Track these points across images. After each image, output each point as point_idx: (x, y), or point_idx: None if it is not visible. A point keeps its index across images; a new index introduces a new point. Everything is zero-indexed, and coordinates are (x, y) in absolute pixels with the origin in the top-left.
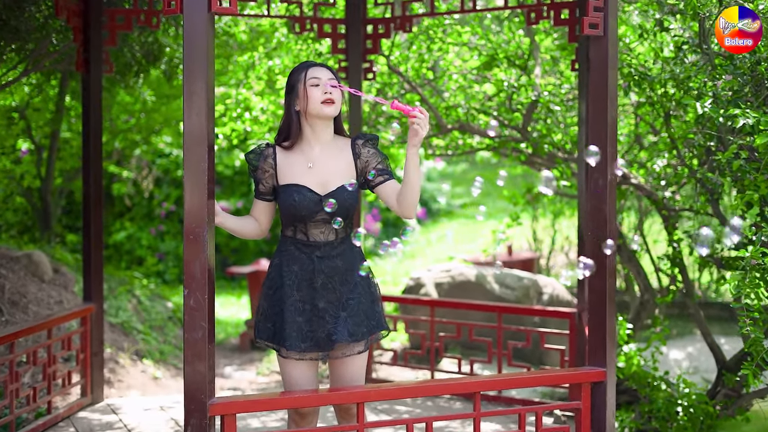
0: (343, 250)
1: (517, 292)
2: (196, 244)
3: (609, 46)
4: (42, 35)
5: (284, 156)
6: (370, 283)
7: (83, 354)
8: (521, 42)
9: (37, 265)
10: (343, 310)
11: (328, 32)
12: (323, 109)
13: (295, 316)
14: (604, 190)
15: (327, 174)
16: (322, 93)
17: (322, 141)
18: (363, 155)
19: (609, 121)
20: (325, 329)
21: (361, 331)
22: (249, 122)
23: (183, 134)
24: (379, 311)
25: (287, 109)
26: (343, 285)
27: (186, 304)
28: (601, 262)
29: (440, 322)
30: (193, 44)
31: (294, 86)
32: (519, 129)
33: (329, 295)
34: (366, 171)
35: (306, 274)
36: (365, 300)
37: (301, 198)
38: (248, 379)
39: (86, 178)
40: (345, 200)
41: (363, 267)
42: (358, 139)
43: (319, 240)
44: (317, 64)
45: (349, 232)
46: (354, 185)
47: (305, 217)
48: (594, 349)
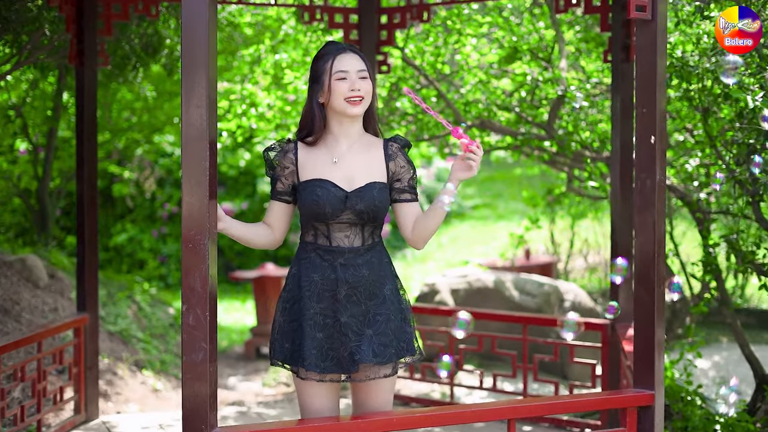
0: (371, 258)
1: (538, 299)
2: (196, 254)
3: (658, 30)
4: (35, 27)
5: (307, 152)
6: (401, 299)
7: (77, 368)
8: (542, 34)
9: (32, 270)
10: (368, 327)
11: (340, 22)
12: (348, 108)
13: (314, 332)
14: (652, 192)
15: (354, 170)
16: (348, 89)
17: (348, 135)
18: (398, 161)
19: (658, 113)
20: (348, 347)
21: (388, 353)
22: (255, 119)
23: (181, 129)
24: (410, 332)
25: (309, 99)
26: (369, 298)
27: (184, 322)
28: (649, 271)
29: None
30: (192, 27)
31: (319, 76)
32: (544, 126)
33: (353, 309)
34: (396, 179)
35: (327, 283)
36: (395, 318)
37: (324, 194)
38: (254, 391)
39: (80, 178)
40: (374, 200)
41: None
42: (393, 141)
43: (343, 245)
44: (347, 48)
45: (377, 239)
46: (385, 185)
47: (328, 217)
48: (641, 370)
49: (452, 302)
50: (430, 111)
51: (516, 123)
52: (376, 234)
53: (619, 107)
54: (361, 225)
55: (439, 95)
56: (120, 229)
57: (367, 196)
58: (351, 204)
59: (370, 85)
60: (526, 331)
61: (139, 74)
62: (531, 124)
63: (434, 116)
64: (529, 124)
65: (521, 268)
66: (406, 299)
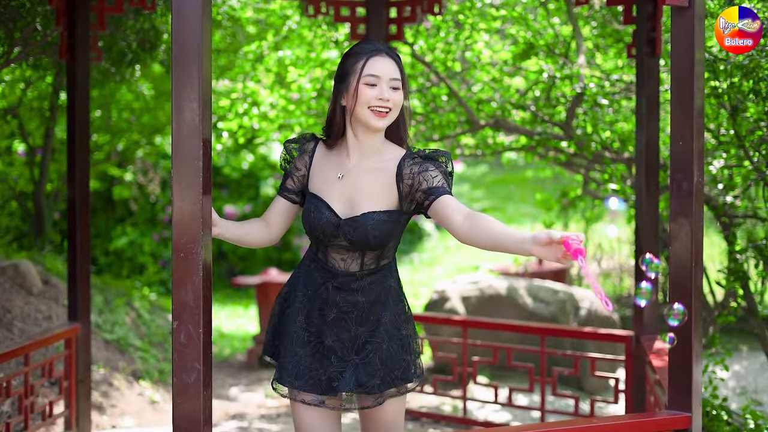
0: (368, 284)
1: (552, 307)
2: (188, 264)
3: (695, 18)
4: (27, 22)
5: (322, 156)
6: (401, 326)
7: (67, 381)
8: (557, 30)
9: (25, 276)
10: (356, 354)
11: (346, 16)
12: (371, 119)
13: (295, 347)
14: (689, 196)
15: (356, 192)
16: (376, 98)
17: (362, 149)
18: (406, 180)
19: (695, 109)
20: (327, 371)
21: (373, 383)
22: (257, 118)
23: (172, 125)
24: (408, 360)
25: (334, 99)
26: (361, 324)
27: (175, 339)
28: (685, 283)
29: (474, 345)
30: (184, 12)
31: (346, 76)
32: (561, 125)
33: (341, 333)
34: (412, 195)
35: (318, 302)
36: (390, 346)
37: (318, 217)
38: (256, 403)
39: (72, 180)
40: (367, 233)
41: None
42: (409, 159)
43: (338, 267)
44: (383, 50)
45: (383, 263)
46: (389, 214)
47: (320, 240)
48: (677, 390)
49: (463, 310)
50: (601, 296)
51: (531, 122)
52: (384, 257)
53: (645, 104)
54: (360, 251)
55: (451, 93)
56: (120, 233)
57: (361, 228)
58: (343, 232)
59: (401, 96)
60: (543, 342)
61: (137, 72)
62: (547, 124)
63: (591, 283)
64: (546, 124)
65: (534, 274)
66: (410, 324)
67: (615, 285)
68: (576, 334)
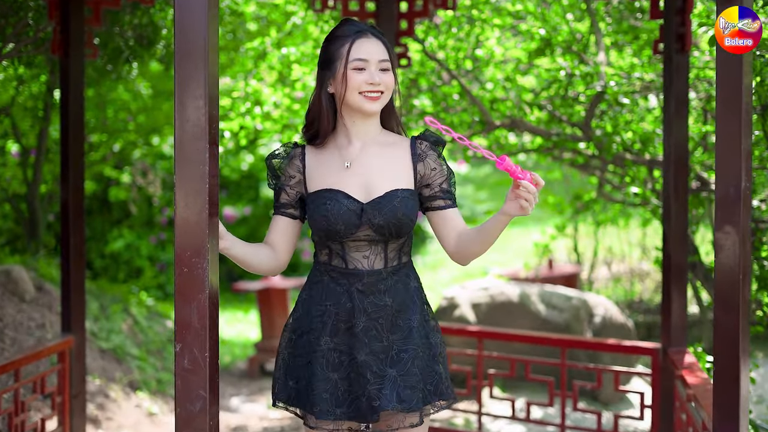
0: (395, 282)
1: (566, 315)
2: (193, 280)
3: (744, 3)
4: (19, 17)
5: (315, 156)
6: (430, 332)
7: (60, 397)
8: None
9: (17, 282)
10: (391, 367)
11: (355, 10)
12: (364, 103)
13: (327, 371)
14: (736, 202)
15: (371, 175)
16: (366, 82)
17: (363, 134)
18: (429, 161)
19: (744, 105)
20: (367, 391)
21: (415, 397)
22: (260, 118)
23: (174, 126)
24: (440, 372)
25: (318, 88)
26: (392, 331)
27: (178, 364)
28: (733, 295)
29: (490, 357)
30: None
31: (331, 62)
32: (580, 126)
33: (373, 344)
34: (425, 183)
35: (343, 314)
36: (423, 354)
37: (335, 207)
38: (258, 414)
39: (65, 182)
40: (395, 211)
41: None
42: (422, 138)
43: (361, 267)
44: (367, 30)
45: (405, 259)
46: (410, 192)
47: (341, 234)
48: (724, 412)
49: (473, 317)
50: (463, 141)
51: (548, 122)
52: (404, 252)
53: (673, 103)
54: (383, 243)
55: (463, 91)
56: (116, 235)
57: (387, 208)
58: (367, 218)
59: (391, 78)
60: (564, 355)
61: (134, 69)
62: (566, 124)
63: (469, 146)
64: (563, 124)
65: (545, 279)
66: (438, 332)
67: (626, 289)
68: (600, 346)
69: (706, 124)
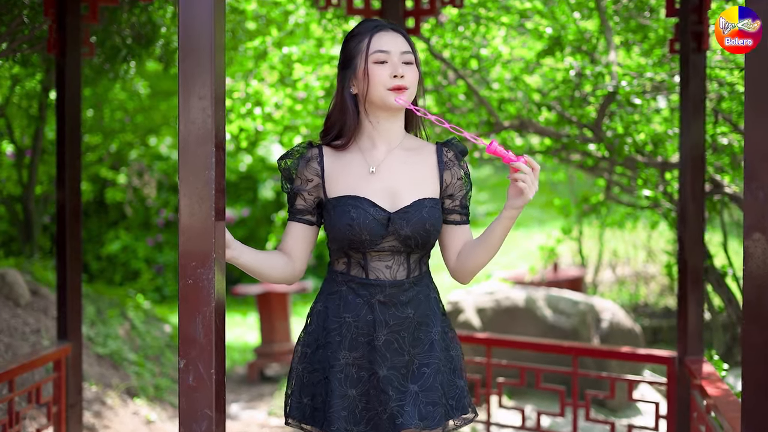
0: (417, 294)
1: (573, 320)
2: (198, 293)
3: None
4: (13, 15)
5: (335, 158)
6: (450, 345)
7: (56, 406)
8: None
9: (11, 286)
10: (412, 382)
11: (360, 8)
12: (389, 98)
13: (345, 388)
14: (766, 207)
15: (398, 182)
16: (390, 75)
17: (388, 137)
18: (454, 172)
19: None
20: (388, 408)
21: (438, 414)
22: (261, 120)
23: (178, 128)
24: (461, 386)
25: (339, 89)
26: (414, 345)
27: (183, 382)
28: (763, 306)
29: (499, 366)
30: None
31: (351, 60)
32: (591, 127)
33: (395, 359)
34: (448, 194)
35: (363, 326)
36: (444, 368)
37: (361, 216)
38: (258, 422)
39: (62, 184)
40: (424, 223)
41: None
42: (448, 147)
43: (383, 278)
44: (386, 25)
45: (425, 269)
46: (436, 202)
47: (366, 244)
48: (755, 425)
49: (478, 322)
50: (449, 126)
51: (557, 123)
52: (424, 262)
53: (690, 104)
54: (407, 253)
55: (470, 91)
56: (113, 237)
57: (416, 218)
58: (394, 228)
59: (415, 73)
60: (576, 363)
61: (131, 69)
62: (576, 125)
63: (451, 130)
64: (574, 125)
65: (550, 283)
66: (457, 343)
67: (631, 293)
68: (614, 354)
69: (716, 125)
